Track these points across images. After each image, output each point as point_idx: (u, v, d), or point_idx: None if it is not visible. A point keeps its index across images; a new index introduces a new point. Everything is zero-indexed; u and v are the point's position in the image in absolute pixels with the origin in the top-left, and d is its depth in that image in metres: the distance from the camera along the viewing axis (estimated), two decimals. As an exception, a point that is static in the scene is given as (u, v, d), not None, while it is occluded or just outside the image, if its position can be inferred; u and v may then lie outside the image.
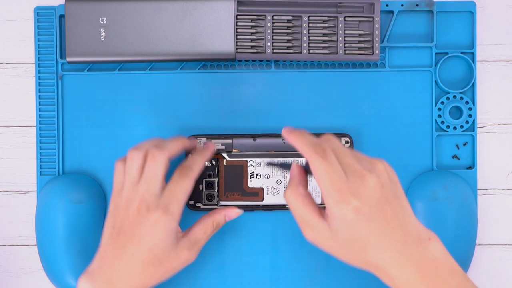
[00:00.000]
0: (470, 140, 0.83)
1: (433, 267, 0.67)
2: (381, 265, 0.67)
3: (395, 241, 0.67)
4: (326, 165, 0.67)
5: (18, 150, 0.84)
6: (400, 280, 0.67)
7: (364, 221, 0.66)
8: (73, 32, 0.80)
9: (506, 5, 0.84)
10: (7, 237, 0.84)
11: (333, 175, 0.67)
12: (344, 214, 0.66)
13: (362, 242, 0.67)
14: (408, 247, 0.67)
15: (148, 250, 0.72)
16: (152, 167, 0.73)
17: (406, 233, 0.68)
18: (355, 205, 0.66)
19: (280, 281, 0.83)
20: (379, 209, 0.67)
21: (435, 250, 0.68)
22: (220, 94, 0.83)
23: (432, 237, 0.68)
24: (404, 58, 0.83)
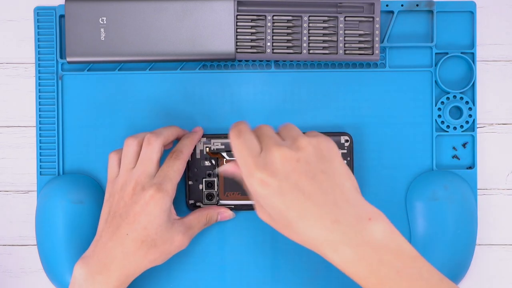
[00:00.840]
0: (470, 140, 0.83)
1: (372, 247, 0.65)
2: (312, 242, 0.66)
3: (320, 219, 0.66)
4: (239, 142, 0.70)
5: (18, 150, 0.84)
6: (335, 259, 0.66)
7: (277, 195, 0.67)
8: (73, 32, 0.80)
9: (506, 5, 0.84)
10: (7, 237, 0.84)
11: (243, 151, 0.69)
12: (254, 188, 0.68)
13: (284, 217, 0.67)
14: (340, 226, 0.65)
15: (143, 229, 0.73)
16: (148, 151, 0.76)
17: (336, 210, 0.66)
18: (259, 177, 0.67)
19: (280, 281, 0.83)
20: (293, 183, 0.66)
21: (375, 231, 0.65)
22: (220, 94, 0.83)
23: (374, 217, 0.66)
24: (404, 58, 0.83)
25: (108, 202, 0.77)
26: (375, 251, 0.65)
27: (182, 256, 0.82)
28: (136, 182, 0.75)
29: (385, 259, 0.65)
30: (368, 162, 0.83)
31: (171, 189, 0.75)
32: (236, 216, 0.82)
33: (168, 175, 0.75)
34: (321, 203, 0.66)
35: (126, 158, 0.77)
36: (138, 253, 0.74)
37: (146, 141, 0.76)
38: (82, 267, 0.74)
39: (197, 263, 0.83)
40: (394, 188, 0.83)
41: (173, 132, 0.79)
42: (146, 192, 0.74)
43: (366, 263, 0.65)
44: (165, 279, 0.83)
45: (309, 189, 0.66)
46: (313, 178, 0.67)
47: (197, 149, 0.81)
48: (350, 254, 0.65)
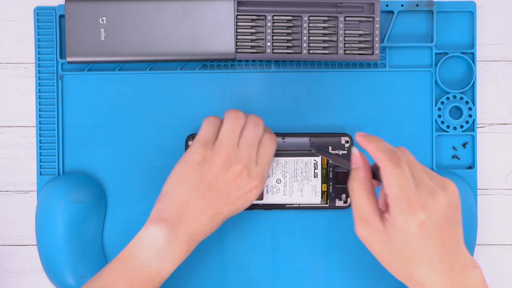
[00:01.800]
0: (470, 140, 0.83)
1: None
2: (423, 283, 0.67)
3: (443, 263, 0.67)
4: (399, 173, 0.66)
5: (18, 150, 0.84)
6: None
7: (424, 237, 0.66)
8: (73, 32, 0.80)
9: (506, 5, 0.84)
10: (7, 237, 0.84)
11: (404, 184, 0.66)
12: (408, 225, 0.66)
13: (414, 257, 0.67)
14: (453, 271, 0.67)
15: (236, 210, 0.76)
16: (255, 132, 0.76)
17: (455, 257, 0.67)
18: (421, 219, 0.65)
19: (280, 281, 0.83)
20: (440, 229, 0.66)
21: (476, 279, 0.68)
22: (220, 94, 0.83)
23: (476, 266, 0.68)
24: (404, 58, 0.83)
25: (201, 168, 0.74)
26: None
27: (182, 256, 0.83)
28: (244, 165, 0.74)
29: None
30: (368, 162, 0.83)
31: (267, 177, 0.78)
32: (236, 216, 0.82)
33: (268, 163, 0.77)
34: (448, 249, 0.67)
35: (234, 130, 0.75)
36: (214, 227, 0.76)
37: (253, 121, 0.76)
38: (168, 232, 0.72)
39: (197, 263, 0.83)
40: (394, 188, 0.83)
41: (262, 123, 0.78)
42: (252, 181, 0.75)
43: None
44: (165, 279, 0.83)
45: (446, 235, 0.67)
46: (450, 225, 0.67)
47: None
48: None
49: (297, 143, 0.81)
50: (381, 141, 0.69)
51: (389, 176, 0.66)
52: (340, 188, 0.81)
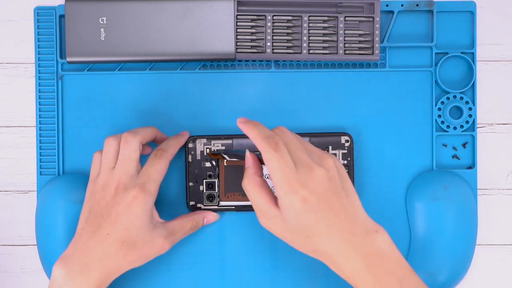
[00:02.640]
0: (470, 140, 0.83)
1: (378, 257, 0.70)
2: (328, 253, 0.71)
3: (341, 231, 0.70)
4: (277, 157, 0.70)
5: (18, 150, 0.84)
6: (346, 268, 0.70)
7: (311, 211, 0.70)
8: (73, 32, 0.80)
9: (506, 5, 0.84)
10: (7, 237, 0.84)
11: (283, 167, 0.70)
12: (293, 204, 0.70)
13: (310, 231, 0.70)
14: (354, 237, 0.70)
15: (124, 229, 0.74)
16: (127, 150, 0.76)
17: (353, 224, 0.71)
18: (302, 195, 0.69)
19: (280, 281, 0.83)
20: (326, 200, 0.70)
21: (381, 242, 0.71)
22: (220, 94, 0.83)
23: (379, 230, 0.71)
24: (404, 58, 0.83)
25: (88, 202, 0.77)
26: (381, 261, 0.70)
27: (182, 256, 0.83)
28: (118, 182, 0.75)
29: (390, 269, 0.70)
30: (368, 162, 0.83)
31: (154, 190, 0.75)
32: (236, 217, 0.82)
33: (151, 176, 0.75)
34: (343, 218, 0.70)
35: (106, 157, 0.77)
36: (118, 254, 0.74)
37: (123, 140, 0.76)
38: (61, 267, 0.74)
39: (197, 263, 0.83)
40: (394, 188, 0.83)
41: (150, 132, 0.79)
42: (129, 192, 0.74)
43: (374, 272, 0.70)
44: (165, 279, 0.83)
45: (336, 206, 0.71)
46: (338, 195, 0.71)
47: (198, 150, 0.81)
48: (361, 263, 0.70)
49: (297, 143, 0.81)
50: (260, 126, 0.73)
51: (269, 162, 0.70)
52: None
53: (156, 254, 0.76)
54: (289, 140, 0.72)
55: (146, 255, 0.76)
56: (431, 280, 0.81)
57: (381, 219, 0.82)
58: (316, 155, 0.72)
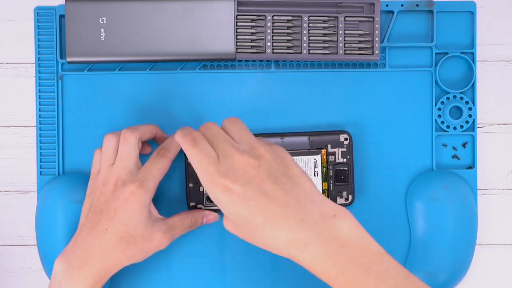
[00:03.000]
0: (470, 140, 0.83)
1: (337, 243, 0.65)
2: (278, 246, 0.66)
3: (287, 219, 0.66)
4: (196, 151, 0.69)
5: (18, 150, 0.84)
6: (303, 258, 0.66)
7: (240, 201, 0.66)
8: (73, 32, 0.80)
9: (506, 5, 0.84)
10: (7, 237, 0.84)
11: (203, 160, 0.68)
12: (217, 196, 0.67)
13: (250, 223, 0.67)
14: (305, 224, 0.66)
15: (122, 224, 0.74)
16: (126, 147, 0.76)
17: (301, 210, 0.66)
18: (222, 184, 0.67)
19: (280, 281, 0.83)
20: (256, 188, 0.67)
21: (341, 227, 0.66)
22: (220, 94, 0.83)
23: (338, 214, 0.67)
24: (404, 58, 0.83)
25: (89, 198, 0.77)
26: (342, 248, 0.65)
27: (182, 256, 0.82)
28: (117, 178, 0.75)
29: (352, 255, 0.65)
30: (368, 162, 0.83)
31: (153, 187, 0.75)
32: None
33: (151, 173, 0.75)
34: (285, 204, 0.66)
35: (105, 154, 0.77)
36: (117, 249, 0.74)
37: (122, 137, 0.77)
38: (62, 262, 0.74)
39: (197, 263, 0.83)
40: (394, 188, 0.83)
41: (150, 129, 0.79)
42: (127, 187, 0.74)
43: (333, 261, 0.65)
44: (165, 279, 0.83)
45: (272, 192, 0.67)
46: (275, 181, 0.67)
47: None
48: (318, 252, 0.65)
49: (296, 142, 0.81)
50: (184, 128, 0.72)
51: (190, 158, 0.69)
52: (341, 186, 0.81)
53: (155, 249, 0.76)
54: (213, 133, 0.71)
55: (145, 250, 0.75)
56: (431, 280, 0.81)
57: (381, 219, 0.82)
58: (247, 145, 0.70)
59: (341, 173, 0.81)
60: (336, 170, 0.81)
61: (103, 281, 0.74)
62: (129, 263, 0.75)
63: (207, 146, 0.69)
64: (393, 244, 0.82)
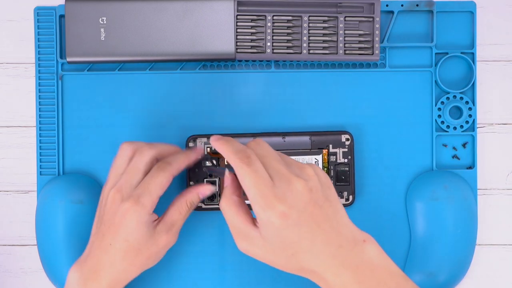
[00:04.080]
0: (470, 140, 0.83)
1: (368, 268, 0.67)
2: (315, 270, 0.67)
3: (328, 245, 0.67)
4: (250, 171, 0.67)
5: (18, 150, 0.84)
6: (335, 283, 0.67)
7: (293, 226, 0.66)
8: (73, 32, 0.80)
9: (506, 5, 0.84)
10: (7, 237, 0.84)
11: (258, 182, 0.66)
12: (272, 220, 0.66)
13: (294, 248, 0.67)
14: (342, 250, 0.67)
15: (124, 240, 0.73)
16: (138, 159, 0.74)
17: (339, 236, 0.67)
18: (281, 210, 0.66)
19: (280, 281, 0.83)
20: (309, 213, 0.67)
21: (370, 252, 0.68)
22: (220, 94, 0.83)
23: (367, 239, 0.68)
24: (404, 58, 0.83)
25: (99, 206, 0.76)
26: (372, 272, 0.67)
27: (182, 256, 0.82)
28: (117, 190, 0.74)
29: (381, 279, 0.67)
30: (368, 162, 0.83)
31: (149, 204, 0.73)
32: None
33: (148, 188, 0.73)
34: (328, 231, 0.67)
35: (117, 163, 0.76)
36: (124, 261, 0.74)
37: (139, 150, 0.75)
38: (76, 271, 0.74)
39: (197, 263, 0.83)
40: (394, 188, 0.83)
41: (170, 149, 0.77)
42: (123, 204, 0.73)
43: (365, 284, 0.67)
44: (165, 279, 0.83)
45: (319, 218, 0.67)
46: (320, 206, 0.68)
47: (198, 149, 0.81)
48: (351, 276, 0.67)
49: (297, 142, 0.81)
50: (232, 142, 0.70)
51: (243, 178, 0.67)
52: (342, 186, 0.81)
53: (164, 249, 0.75)
54: (265, 152, 0.69)
55: (154, 255, 0.75)
56: (431, 280, 0.81)
57: (381, 219, 0.83)
58: (295, 166, 0.69)
59: (342, 174, 0.81)
60: (337, 171, 0.81)
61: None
62: (141, 271, 0.75)
63: (261, 167, 0.67)
64: (393, 244, 0.82)
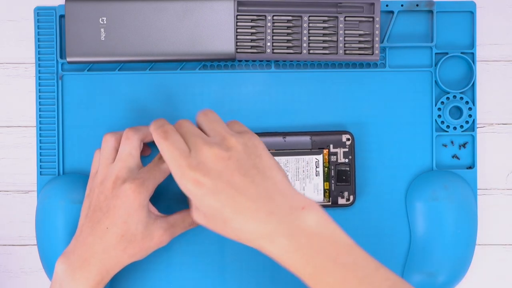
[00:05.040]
0: (470, 140, 0.84)
1: (305, 236, 0.66)
2: (248, 237, 0.67)
3: (256, 212, 0.66)
4: (167, 144, 0.69)
5: (18, 150, 0.84)
6: (272, 250, 0.67)
7: (211, 194, 0.67)
8: (73, 32, 0.80)
9: (506, 5, 0.84)
10: (7, 237, 0.84)
11: (174, 153, 0.68)
12: (188, 189, 0.67)
13: (221, 216, 0.67)
14: (273, 216, 0.66)
15: (123, 223, 0.73)
16: (127, 146, 0.76)
17: (269, 203, 0.67)
18: (193, 177, 0.67)
19: (280, 281, 0.83)
20: (226, 180, 0.67)
21: (308, 219, 0.66)
22: (220, 94, 0.83)
23: (306, 206, 0.67)
24: (404, 58, 0.83)
25: (88, 197, 0.77)
26: (310, 240, 0.66)
27: (182, 256, 0.82)
28: (116, 176, 0.75)
29: (320, 247, 0.66)
30: (368, 162, 0.83)
31: (152, 188, 0.75)
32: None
33: (153, 174, 0.75)
34: (255, 197, 0.67)
35: (104, 153, 0.77)
36: (117, 247, 0.74)
37: (124, 136, 0.76)
38: (63, 262, 0.74)
39: (197, 263, 0.83)
40: (394, 188, 0.83)
41: None
42: (127, 185, 0.74)
43: (302, 253, 0.66)
44: (165, 279, 0.83)
45: (242, 185, 0.67)
46: (245, 174, 0.68)
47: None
48: (286, 244, 0.66)
49: (298, 142, 0.81)
50: (158, 120, 0.72)
51: (161, 151, 0.69)
52: (342, 186, 0.81)
53: (155, 246, 0.76)
54: (185, 128, 0.71)
55: (145, 248, 0.75)
56: (431, 280, 0.81)
57: (381, 219, 0.82)
58: (219, 137, 0.70)
59: (343, 173, 0.81)
60: (338, 170, 0.81)
61: (105, 281, 0.74)
62: (130, 261, 0.75)
63: (179, 139, 0.69)
64: (393, 244, 0.83)
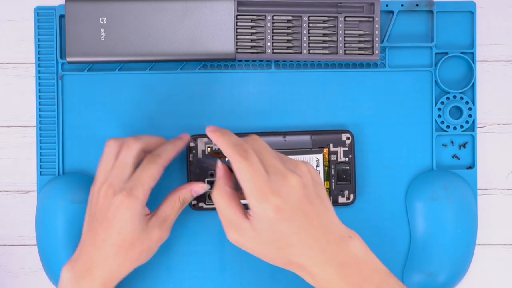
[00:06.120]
0: (470, 140, 0.84)
1: (354, 264, 0.69)
2: (303, 264, 0.69)
3: (317, 240, 0.69)
4: (247, 165, 0.68)
5: (18, 150, 0.84)
6: (321, 278, 0.69)
7: (286, 220, 0.68)
8: (73, 32, 0.80)
9: (506, 5, 0.84)
10: (7, 237, 0.84)
11: (254, 175, 0.68)
12: (266, 213, 0.68)
13: (284, 241, 0.68)
14: (329, 245, 0.69)
15: (117, 234, 0.73)
16: (125, 153, 0.75)
17: (328, 232, 0.69)
18: (276, 203, 0.67)
19: (280, 281, 0.83)
20: (301, 208, 0.68)
21: (355, 248, 0.69)
22: (220, 94, 0.83)
23: (352, 236, 0.70)
24: (404, 58, 0.83)
25: (89, 203, 0.76)
26: (357, 268, 0.69)
27: (182, 256, 0.82)
28: (108, 185, 0.74)
29: (365, 275, 0.69)
30: (368, 162, 0.83)
31: (142, 195, 0.74)
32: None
33: (140, 180, 0.74)
34: (318, 226, 0.69)
35: (104, 160, 0.76)
36: (117, 257, 0.74)
37: (125, 144, 0.75)
38: (68, 270, 0.74)
39: (197, 263, 0.83)
40: (394, 188, 0.83)
41: (156, 141, 0.77)
42: (116, 197, 0.73)
43: (349, 281, 0.68)
44: (165, 279, 0.83)
45: (310, 213, 0.69)
46: (311, 202, 0.69)
47: (199, 149, 0.81)
48: (336, 272, 0.68)
49: (298, 141, 0.81)
50: (229, 134, 0.71)
51: (239, 171, 0.69)
52: (343, 185, 0.81)
53: (157, 245, 0.76)
54: (260, 147, 0.70)
55: (147, 250, 0.75)
56: (431, 280, 0.81)
57: (381, 219, 0.83)
58: (289, 163, 0.71)
59: (343, 172, 0.81)
60: (338, 169, 0.81)
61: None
62: (134, 267, 0.75)
63: (258, 161, 0.69)
64: (393, 244, 0.83)
